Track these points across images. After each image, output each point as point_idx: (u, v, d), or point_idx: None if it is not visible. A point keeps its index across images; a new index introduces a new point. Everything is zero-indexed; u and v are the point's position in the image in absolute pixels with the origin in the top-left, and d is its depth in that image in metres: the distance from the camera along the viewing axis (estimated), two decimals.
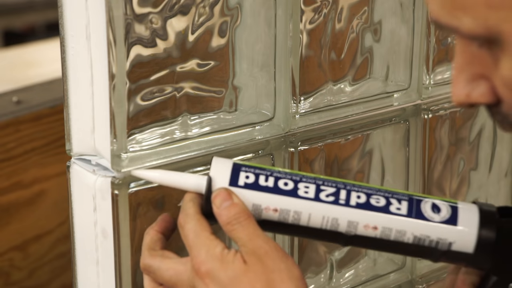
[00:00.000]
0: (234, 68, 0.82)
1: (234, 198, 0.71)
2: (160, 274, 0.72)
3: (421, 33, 0.94)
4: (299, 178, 0.72)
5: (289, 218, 0.72)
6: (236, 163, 0.73)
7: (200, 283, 0.69)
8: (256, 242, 0.69)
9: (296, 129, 0.87)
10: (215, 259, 0.68)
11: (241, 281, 0.67)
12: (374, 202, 0.72)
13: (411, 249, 0.73)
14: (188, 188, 0.73)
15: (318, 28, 0.87)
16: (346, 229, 0.72)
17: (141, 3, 0.74)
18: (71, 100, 0.78)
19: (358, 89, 0.92)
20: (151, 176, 0.74)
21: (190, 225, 0.70)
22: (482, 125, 1.06)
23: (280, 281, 0.67)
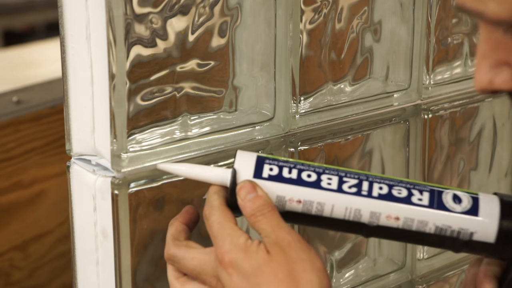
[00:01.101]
0: (234, 68, 0.82)
1: (258, 190, 0.72)
2: (184, 264, 0.73)
3: (421, 33, 0.94)
4: (322, 170, 0.74)
5: (313, 209, 0.73)
6: (260, 155, 0.74)
7: (223, 272, 0.69)
8: (279, 233, 0.70)
9: (296, 129, 0.87)
10: (239, 249, 0.69)
11: (264, 271, 0.68)
12: (396, 193, 0.73)
13: (433, 240, 0.74)
14: (213, 181, 0.74)
15: (318, 28, 0.87)
16: (369, 220, 0.73)
17: (141, 3, 0.74)
18: (71, 100, 0.78)
19: (358, 89, 0.92)
20: (177, 170, 0.75)
21: (215, 216, 0.71)
22: (482, 125, 1.06)
23: (302, 271, 0.68)
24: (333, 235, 0.94)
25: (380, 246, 0.99)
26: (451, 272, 1.07)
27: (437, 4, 0.95)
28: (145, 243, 0.80)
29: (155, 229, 0.81)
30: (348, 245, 0.96)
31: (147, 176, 0.78)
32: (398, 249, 0.99)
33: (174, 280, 0.74)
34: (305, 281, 0.68)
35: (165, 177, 0.80)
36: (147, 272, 0.81)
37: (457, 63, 1.01)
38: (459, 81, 1.01)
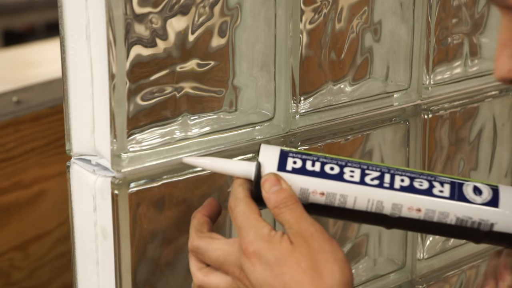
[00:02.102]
0: (234, 68, 0.82)
1: (282, 183, 0.73)
2: (208, 255, 0.74)
3: (421, 33, 0.94)
4: (344, 163, 0.75)
5: (335, 202, 0.74)
6: (284, 149, 0.75)
7: (247, 262, 0.70)
8: (302, 224, 0.71)
9: (296, 129, 0.87)
10: (263, 239, 0.70)
11: (288, 260, 0.69)
12: (418, 185, 0.74)
13: (454, 231, 0.75)
14: (237, 174, 0.75)
15: (318, 28, 0.87)
16: (391, 212, 0.74)
17: (141, 3, 0.74)
18: (71, 100, 0.78)
19: (358, 89, 0.92)
20: (202, 163, 0.76)
21: (240, 208, 0.73)
22: (482, 125, 1.06)
23: (325, 262, 0.69)
24: (333, 235, 0.94)
25: (380, 246, 0.99)
26: (451, 272, 1.07)
27: (437, 4, 0.95)
28: (145, 243, 0.80)
29: (155, 229, 0.81)
30: (348, 245, 0.96)
31: (147, 176, 0.78)
32: (398, 249, 0.99)
33: (197, 271, 0.75)
34: (327, 271, 0.69)
35: (165, 177, 0.80)
36: (147, 272, 0.81)
37: (457, 63, 1.01)
38: (459, 81, 1.01)
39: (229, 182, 0.84)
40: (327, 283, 0.68)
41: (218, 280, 0.73)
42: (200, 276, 0.74)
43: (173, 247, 0.83)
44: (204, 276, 0.74)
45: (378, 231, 0.98)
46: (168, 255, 0.83)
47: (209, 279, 0.74)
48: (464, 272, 1.08)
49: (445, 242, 1.05)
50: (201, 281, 0.74)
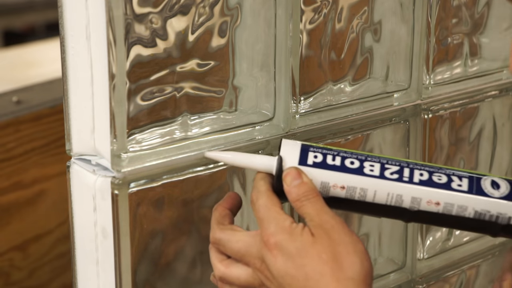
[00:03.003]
0: (234, 68, 0.82)
1: (303, 176, 0.74)
2: (230, 246, 0.75)
3: (421, 33, 0.94)
4: (364, 157, 0.76)
5: (356, 195, 0.76)
6: (304, 143, 0.77)
7: (268, 254, 0.71)
8: (323, 216, 0.72)
9: (296, 129, 0.87)
10: (284, 231, 0.71)
11: (309, 252, 0.70)
12: (436, 179, 0.76)
13: (472, 224, 0.76)
14: (259, 168, 0.76)
15: (318, 28, 0.87)
16: (410, 205, 0.76)
17: (141, 3, 0.74)
18: (71, 100, 0.78)
19: (358, 89, 0.92)
20: (224, 157, 0.78)
21: (262, 200, 0.74)
22: (482, 125, 1.06)
23: (345, 253, 0.70)
24: None
25: (380, 246, 0.99)
26: (451, 272, 1.07)
27: (437, 4, 0.95)
28: (145, 243, 0.80)
29: (155, 229, 0.81)
30: None
31: (147, 176, 0.78)
32: (398, 249, 1.00)
33: (218, 263, 0.76)
34: (348, 262, 0.70)
35: (165, 177, 0.80)
36: (147, 272, 0.81)
37: (457, 63, 1.01)
38: (459, 81, 1.01)
39: (229, 182, 0.85)
40: (347, 274, 0.69)
41: (239, 272, 0.74)
42: (221, 268, 0.75)
43: (173, 247, 0.83)
44: (226, 267, 0.75)
45: (378, 231, 0.98)
46: (168, 255, 0.83)
47: (230, 271, 0.75)
48: (464, 272, 1.08)
49: (445, 242, 1.05)
50: (222, 273, 0.75)
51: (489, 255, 1.10)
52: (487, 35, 1.03)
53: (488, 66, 1.04)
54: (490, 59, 1.04)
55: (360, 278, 0.70)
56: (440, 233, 1.05)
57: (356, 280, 0.69)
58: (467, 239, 1.07)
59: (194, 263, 0.84)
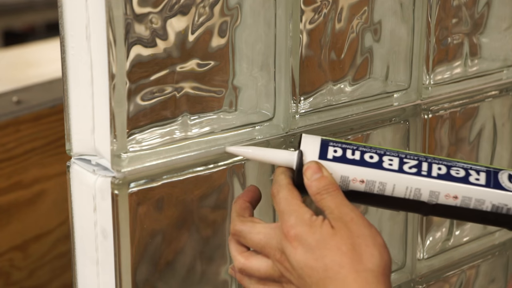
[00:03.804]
0: (234, 68, 0.82)
1: (323, 170, 0.76)
2: (250, 238, 0.75)
3: (421, 33, 0.94)
4: (383, 152, 0.78)
5: (375, 189, 0.77)
6: (324, 138, 0.78)
7: (288, 245, 0.72)
8: (343, 209, 0.73)
9: (296, 129, 0.87)
10: (304, 223, 0.72)
11: (329, 244, 0.71)
12: (454, 173, 0.77)
13: (489, 217, 0.77)
14: (280, 162, 0.78)
15: (318, 28, 0.87)
16: (428, 199, 0.77)
17: (141, 3, 0.74)
18: (71, 100, 0.78)
19: (358, 89, 0.92)
20: (244, 152, 0.79)
21: (282, 193, 0.75)
22: (482, 125, 1.06)
23: (365, 245, 0.71)
24: None
25: None
26: (451, 272, 1.07)
27: (437, 4, 0.95)
28: (145, 243, 0.80)
29: (155, 229, 0.81)
30: None
31: (147, 176, 0.78)
32: (398, 249, 1.00)
33: (238, 255, 0.77)
34: (367, 254, 0.71)
35: (165, 177, 0.80)
36: (147, 272, 0.81)
37: (457, 63, 1.01)
38: (459, 81, 1.01)
39: (229, 182, 0.85)
40: (367, 266, 0.70)
41: (259, 263, 0.75)
42: (241, 260, 0.76)
43: (173, 247, 0.83)
44: (246, 259, 0.76)
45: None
46: (168, 255, 0.83)
47: (250, 262, 0.76)
48: (464, 272, 1.08)
49: (445, 242, 1.05)
50: (242, 264, 0.76)
51: (489, 255, 1.10)
52: (487, 35, 1.03)
53: (488, 66, 1.04)
54: (490, 59, 1.04)
55: (379, 270, 0.71)
56: (440, 233, 1.05)
57: (375, 272, 0.70)
58: (467, 239, 1.08)
59: (194, 263, 0.84)
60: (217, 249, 0.85)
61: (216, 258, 0.86)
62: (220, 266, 0.86)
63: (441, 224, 1.05)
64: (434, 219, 1.04)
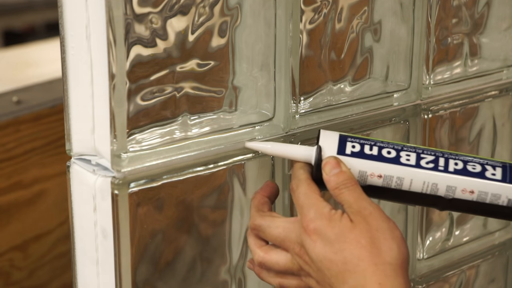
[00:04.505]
0: (234, 68, 0.82)
1: (342, 165, 0.77)
2: (270, 232, 0.76)
3: (421, 33, 0.94)
4: (400, 147, 0.79)
5: (392, 184, 0.78)
6: (342, 134, 0.79)
7: (307, 239, 0.73)
8: (361, 203, 0.74)
9: (296, 129, 0.87)
10: (323, 217, 0.73)
11: (347, 237, 0.72)
12: (471, 168, 0.78)
13: (505, 212, 0.78)
14: (298, 158, 0.79)
15: (318, 28, 0.87)
16: (445, 193, 0.78)
17: (141, 3, 0.74)
18: (71, 100, 0.78)
19: (358, 89, 0.92)
20: (264, 148, 0.80)
21: (301, 188, 0.76)
22: (482, 125, 1.06)
23: (383, 239, 0.72)
24: None
25: None
26: (451, 272, 1.07)
27: (437, 4, 0.95)
28: (145, 243, 0.80)
29: (155, 229, 0.81)
30: None
31: (147, 176, 0.78)
32: None
33: (257, 249, 0.78)
34: (386, 248, 0.72)
35: (165, 177, 0.80)
36: (147, 272, 0.81)
37: (457, 63, 1.01)
38: (459, 81, 1.01)
39: (229, 182, 0.85)
40: (385, 259, 0.71)
41: (278, 257, 0.76)
42: (261, 253, 0.77)
43: (173, 247, 0.83)
44: (265, 253, 0.77)
45: None
46: (168, 255, 0.83)
47: (270, 256, 0.77)
48: (464, 272, 1.08)
49: (445, 242, 1.05)
50: (262, 258, 0.77)
51: (489, 255, 1.10)
52: (487, 35, 1.03)
53: (488, 66, 1.04)
54: (490, 59, 1.04)
55: (397, 263, 0.71)
56: (440, 233, 1.05)
57: (393, 265, 0.71)
58: (467, 239, 1.08)
59: (194, 263, 0.84)
60: (217, 249, 0.85)
61: (216, 258, 0.86)
62: (220, 266, 0.86)
63: (441, 224, 1.05)
64: (434, 219, 1.04)
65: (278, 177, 0.87)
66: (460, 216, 1.07)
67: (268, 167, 0.86)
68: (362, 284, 0.70)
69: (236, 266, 0.87)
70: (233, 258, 0.86)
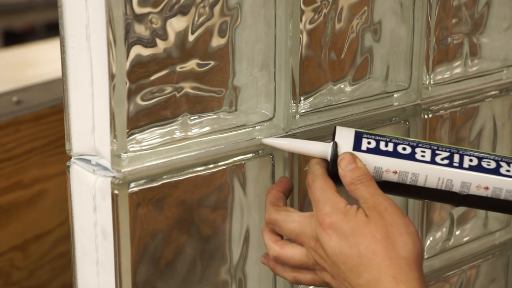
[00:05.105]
0: (234, 68, 0.82)
1: (358, 161, 0.78)
2: (285, 226, 0.77)
3: (421, 33, 0.94)
4: (415, 143, 0.80)
5: (407, 180, 0.79)
6: (358, 130, 0.80)
7: (323, 233, 0.74)
8: (377, 199, 0.75)
9: (296, 129, 0.87)
10: (339, 212, 0.74)
11: (363, 231, 0.73)
12: (485, 164, 0.79)
13: None
14: (315, 153, 0.80)
15: (318, 28, 0.87)
16: (460, 189, 0.79)
17: (141, 3, 0.74)
18: (71, 100, 0.78)
19: (358, 89, 0.92)
20: (281, 144, 0.82)
21: (317, 183, 0.77)
22: (482, 125, 1.06)
23: (398, 234, 0.73)
24: None
25: None
26: (451, 272, 1.07)
27: (437, 4, 0.95)
28: (145, 243, 0.80)
29: (155, 229, 0.81)
30: None
31: (147, 176, 0.78)
32: None
33: (273, 244, 0.78)
34: (401, 242, 0.72)
35: (165, 177, 0.80)
36: (147, 272, 0.81)
37: (457, 63, 1.01)
38: (459, 81, 1.01)
39: (229, 182, 0.85)
40: (400, 254, 0.72)
41: (294, 251, 0.77)
42: (276, 248, 0.78)
43: (173, 247, 0.83)
44: (280, 248, 0.77)
45: None
46: (168, 255, 0.83)
47: (285, 250, 0.77)
48: (464, 272, 1.08)
49: (445, 242, 1.05)
50: (277, 252, 0.78)
51: (489, 255, 1.10)
52: (487, 35, 1.03)
53: (488, 66, 1.04)
54: (490, 59, 1.04)
55: (412, 258, 0.72)
56: (440, 233, 1.05)
57: (408, 260, 0.72)
58: (467, 239, 1.08)
59: (194, 263, 0.84)
60: (217, 249, 0.85)
61: (216, 258, 0.86)
62: (220, 266, 0.86)
63: (441, 224, 1.05)
64: (434, 219, 1.04)
65: (279, 177, 0.87)
66: (461, 216, 1.07)
67: (268, 167, 0.86)
68: (376, 278, 0.71)
69: (236, 266, 0.87)
70: (233, 258, 0.86)
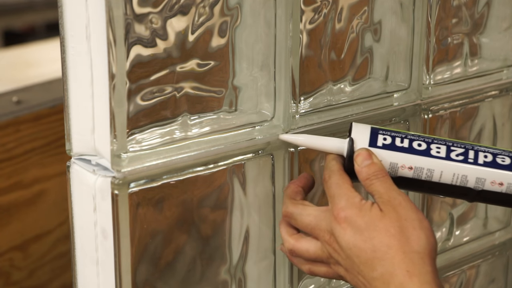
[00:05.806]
0: (234, 68, 0.82)
1: (373, 157, 0.79)
2: (301, 219, 0.78)
3: (421, 33, 0.94)
4: (430, 140, 0.80)
5: (423, 175, 0.79)
6: (374, 127, 0.81)
7: (338, 227, 0.75)
8: (391, 194, 0.76)
9: (296, 129, 0.87)
10: (354, 206, 0.75)
11: (377, 226, 0.74)
12: (500, 161, 0.80)
13: None
14: (331, 149, 0.81)
15: (318, 28, 0.87)
16: (474, 185, 0.79)
17: (141, 3, 0.74)
18: (71, 100, 0.78)
19: (358, 89, 0.92)
20: (297, 140, 0.83)
21: (334, 178, 0.78)
22: (482, 125, 1.06)
23: (412, 228, 0.74)
24: None
25: None
26: (450, 272, 1.07)
27: (437, 4, 0.95)
28: (145, 243, 0.80)
29: (155, 229, 0.81)
30: None
31: (147, 176, 0.78)
32: None
33: (288, 237, 0.80)
34: (414, 237, 0.73)
35: (165, 177, 0.80)
36: (147, 272, 0.81)
37: (457, 63, 1.01)
38: (459, 81, 1.01)
39: (229, 182, 0.85)
40: (414, 248, 0.73)
41: (309, 245, 0.78)
42: (291, 241, 0.79)
43: (173, 247, 0.83)
44: (296, 241, 0.79)
45: None
46: (168, 255, 0.83)
47: (300, 244, 0.79)
48: (464, 272, 1.08)
49: (445, 242, 1.05)
50: (292, 245, 0.79)
51: (489, 255, 1.10)
52: (487, 35, 1.03)
53: (488, 66, 1.04)
54: (490, 59, 1.04)
55: (425, 252, 0.73)
56: (440, 233, 1.05)
57: (421, 254, 0.73)
58: (467, 239, 1.08)
59: (194, 263, 0.84)
60: (217, 249, 0.85)
61: (216, 258, 0.86)
62: (220, 266, 0.86)
63: (441, 224, 1.05)
64: (434, 219, 1.04)
65: (279, 177, 0.87)
66: (460, 216, 1.07)
67: (268, 167, 0.86)
68: (390, 271, 0.72)
69: (236, 266, 0.87)
70: (233, 258, 0.86)
